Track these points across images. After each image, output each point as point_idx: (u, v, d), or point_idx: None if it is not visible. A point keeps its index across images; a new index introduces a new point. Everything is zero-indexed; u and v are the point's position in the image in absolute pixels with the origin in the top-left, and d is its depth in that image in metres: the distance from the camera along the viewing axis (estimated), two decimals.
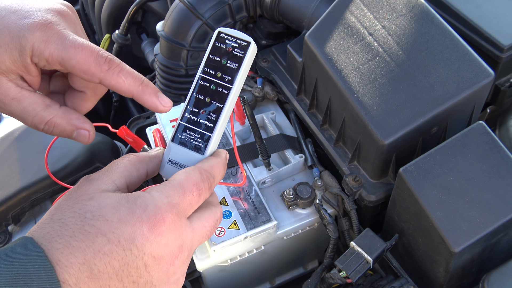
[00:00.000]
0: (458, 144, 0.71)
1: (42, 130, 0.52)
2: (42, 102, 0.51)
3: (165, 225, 0.45)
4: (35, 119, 0.51)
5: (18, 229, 1.01)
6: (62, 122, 0.52)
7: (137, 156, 0.52)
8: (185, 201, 0.48)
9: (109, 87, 0.51)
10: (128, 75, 0.51)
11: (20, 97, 0.50)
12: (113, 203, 0.45)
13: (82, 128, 0.53)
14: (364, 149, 0.80)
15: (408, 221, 0.74)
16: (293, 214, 0.85)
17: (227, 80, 0.53)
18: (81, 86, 0.55)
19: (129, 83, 0.51)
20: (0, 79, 0.49)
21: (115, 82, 0.50)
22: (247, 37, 0.54)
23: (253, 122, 0.82)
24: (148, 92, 0.52)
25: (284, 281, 1.01)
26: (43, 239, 0.42)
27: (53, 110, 0.52)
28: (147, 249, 0.44)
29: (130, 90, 0.51)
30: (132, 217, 0.44)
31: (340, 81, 0.80)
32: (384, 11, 0.82)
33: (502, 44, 0.82)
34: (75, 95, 0.56)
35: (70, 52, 0.49)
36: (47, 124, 0.51)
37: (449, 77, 0.75)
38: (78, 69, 0.49)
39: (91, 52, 0.49)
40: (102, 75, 0.50)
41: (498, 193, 0.67)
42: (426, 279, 0.75)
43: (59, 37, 0.49)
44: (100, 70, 0.50)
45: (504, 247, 0.72)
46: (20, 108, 0.50)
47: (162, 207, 0.46)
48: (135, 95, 0.52)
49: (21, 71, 0.50)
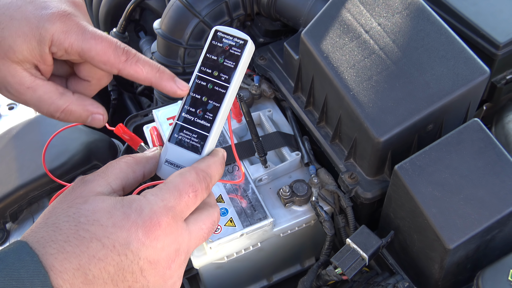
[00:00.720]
0: (453, 141, 0.71)
1: (58, 118, 0.53)
2: (56, 91, 0.52)
3: (160, 229, 0.45)
4: (51, 107, 0.51)
5: (16, 226, 1.02)
6: (77, 109, 0.52)
7: (133, 157, 0.52)
8: (181, 203, 0.47)
9: (128, 76, 0.52)
10: (145, 64, 0.52)
11: (35, 86, 0.50)
12: (107, 207, 0.44)
13: (96, 113, 0.54)
14: (360, 146, 0.81)
15: (404, 218, 0.74)
16: (289, 211, 0.85)
17: (224, 79, 0.53)
18: (87, 75, 0.55)
19: (146, 71, 0.52)
20: (15, 68, 0.49)
21: (134, 71, 0.51)
22: (244, 35, 0.54)
23: (249, 119, 0.82)
24: (165, 78, 0.53)
25: (281, 278, 1.01)
26: (37, 243, 0.42)
27: (68, 98, 0.52)
28: (142, 253, 0.44)
29: (148, 78, 0.52)
30: (127, 221, 0.44)
31: (336, 79, 0.81)
32: (380, 9, 0.82)
33: (498, 41, 0.82)
34: (79, 82, 0.56)
35: (90, 43, 0.50)
36: (63, 112, 0.52)
37: (445, 75, 0.75)
38: (97, 60, 0.50)
39: (110, 44, 0.50)
40: (121, 66, 0.51)
41: (492, 190, 0.67)
42: (421, 276, 0.76)
43: (79, 29, 0.50)
44: (119, 61, 0.51)
45: (499, 244, 0.72)
46: (36, 97, 0.51)
47: (157, 210, 0.45)
48: (153, 82, 0.52)
49: (37, 60, 0.50)
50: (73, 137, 1.05)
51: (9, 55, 0.49)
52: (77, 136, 1.05)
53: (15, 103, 1.23)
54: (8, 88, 0.50)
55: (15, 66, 0.49)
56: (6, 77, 0.50)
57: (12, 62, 0.49)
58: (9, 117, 1.21)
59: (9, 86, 0.50)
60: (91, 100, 0.54)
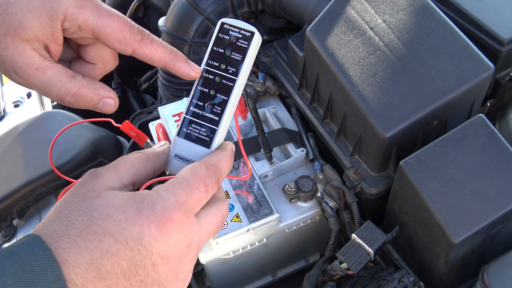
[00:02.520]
0: (458, 137, 0.72)
1: (68, 103, 0.50)
2: (66, 73, 0.50)
3: (173, 225, 0.45)
4: (61, 90, 0.49)
5: (22, 223, 1.02)
6: (88, 92, 0.51)
7: (145, 153, 0.51)
8: (192, 198, 0.47)
9: (142, 57, 0.51)
10: (160, 45, 0.51)
11: (44, 67, 0.48)
12: (120, 203, 0.44)
13: (107, 97, 0.52)
14: (365, 142, 0.81)
15: (409, 213, 0.74)
16: (294, 207, 0.85)
17: (232, 72, 0.52)
18: (94, 57, 0.54)
19: (161, 51, 0.51)
20: (24, 47, 0.47)
21: (149, 51, 0.51)
22: (250, 27, 0.53)
23: (256, 115, 0.82)
24: (179, 59, 0.52)
25: (286, 274, 1.02)
26: (50, 237, 0.42)
27: (78, 81, 0.50)
28: (155, 249, 0.44)
29: (163, 59, 0.51)
30: (140, 217, 0.44)
31: (341, 75, 0.81)
32: (385, 6, 0.83)
33: (502, 37, 0.82)
34: (84, 66, 0.54)
35: (106, 20, 0.48)
36: (74, 96, 0.50)
37: (449, 71, 0.76)
38: (112, 38, 0.49)
39: (126, 22, 0.49)
40: (136, 45, 0.50)
41: (497, 185, 0.67)
42: (426, 271, 0.76)
43: (93, 4, 0.49)
44: (134, 40, 0.50)
45: (504, 238, 0.72)
46: (45, 79, 0.48)
47: (170, 206, 0.45)
48: (168, 63, 0.52)
49: (47, 39, 0.48)
50: (79, 134, 1.05)
51: (19, 32, 0.47)
52: (83, 133, 1.06)
53: (21, 100, 1.24)
54: (16, 69, 0.48)
55: (24, 45, 0.47)
56: (14, 57, 0.47)
57: (21, 41, 0.47)
58: (14, 114, 1.21)
59: (17, 67, 0.48)
60: (102, 84, 0.52)
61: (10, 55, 0.47)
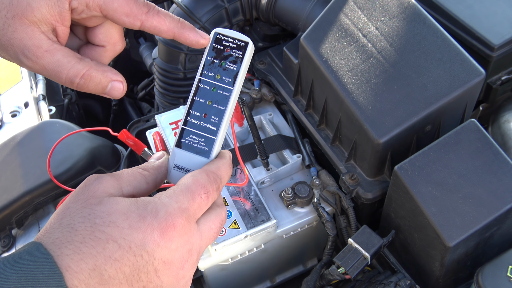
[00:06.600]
0: (451, 142, 0.73)
1: (77, 86, 0.51)
2: (74, 55, 0.50)
3: (175, 231, 0.45)
4: (71, 72, 0.49)
5: (21, 232, 1.03)
6: (97, 74, 0.51)
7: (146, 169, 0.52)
8: (194, 204, 0.48)
9: (150, 28, 0.52)
10: (167, 15, 0.52)
11: (53, 49, 0.49)
12: (123, 209, 0.45)
13: (116, 80, 0.52)
14: (360, 148, 0.82)
15: (404, 218, 0.75)
16: (292, 213, 0.86)
17: (227, 82, 0.53)
18: (102, 39, 0.54)
19: (169, 22, 0.52)
20: (33, 30, 0.48)
21: (157, 22, 0.51)
22: (244, 37, 0.54)
23: (252, 123, 0.83)
24: (187, 28, 0.53)
25: (284, 279, 1.02)
26: (53, 244, 0.42)
27: (86, 63, 0.50)
28: (157, 254, 0.44)
29: (171, 29, 0.52)
30: (143, 223, 0.44)
31: (336, 82, 0.82)
32: (377, 13, 0.84)
33: (492, 43, 0.84)
34: (93, 49, 0.55)
35: None
36: (83, 77, 0.50)
37: (442, 77, 0.77)
38: (120, 12, 0.50)
39: None
40: (144, 17, 0.51)
41: (490, 189, 0.69)
42: (422, 274, 0.77)
43: None
44: (141, 12, 0.50)
45: (498, 241, 0.73)
46: (54, 61, 0.49)
47: (172, 212, 0.46)
48: (176, 33, 0.52)
49: (55, 20, 0.49)
50: (77, 143, 1.06)
51: (27, 13, 0.47)
52: (80, 142, 1.07)
53: (18, 110, 1.24)
54: (25, 52, 0.48)
55: (32, 27, 0.48)
56: (23, 39, 0.48)
57: (29, 23, 0.48)
58: (12, 124, 1.22)
59: (26, 50, 0.48)
60: (109, 67, 0.53)
61: (19, 37, 0.48)
